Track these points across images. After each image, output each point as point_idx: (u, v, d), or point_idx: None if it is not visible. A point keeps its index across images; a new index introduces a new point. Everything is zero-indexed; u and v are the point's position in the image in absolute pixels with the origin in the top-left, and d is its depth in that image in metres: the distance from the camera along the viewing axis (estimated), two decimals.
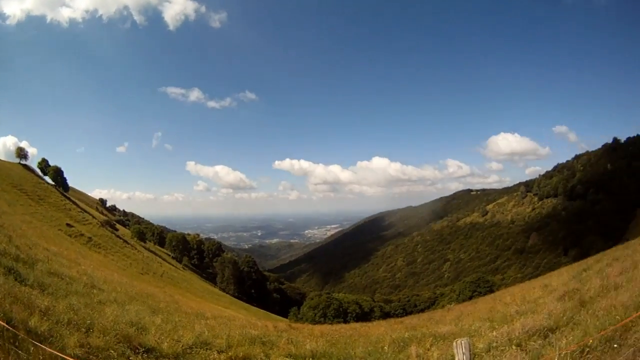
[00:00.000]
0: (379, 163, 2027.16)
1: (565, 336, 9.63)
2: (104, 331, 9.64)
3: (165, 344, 10.65)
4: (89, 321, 10.06)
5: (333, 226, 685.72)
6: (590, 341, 7.77)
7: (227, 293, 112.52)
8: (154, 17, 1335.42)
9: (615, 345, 7.25)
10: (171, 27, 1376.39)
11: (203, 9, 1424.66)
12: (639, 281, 13.13)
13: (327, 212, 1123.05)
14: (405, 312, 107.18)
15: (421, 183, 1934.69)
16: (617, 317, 9.08)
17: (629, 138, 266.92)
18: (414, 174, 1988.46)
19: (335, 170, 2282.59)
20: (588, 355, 7.34)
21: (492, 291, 75.23)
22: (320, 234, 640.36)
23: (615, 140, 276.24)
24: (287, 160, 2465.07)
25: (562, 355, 7.51)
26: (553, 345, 8.80)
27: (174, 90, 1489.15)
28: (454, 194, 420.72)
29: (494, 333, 11.99)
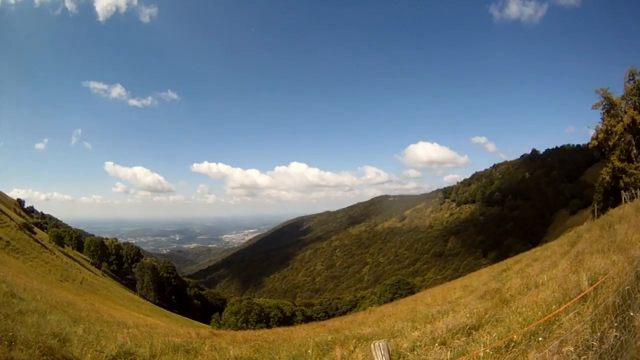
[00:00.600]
0: (297, 168, 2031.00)
1: (489, 333, 9.57)
2: (27, 344, 9.28)
3: (89, 355, 10.58)
4: (10, 333, 9.62)
5: (251, 231, 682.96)
6: (515, 336, 7.66)
7: (147, 300, 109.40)
8: (86, 5, 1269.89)
9: (540, 339, 7.21)
10: (101, 18, 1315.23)
11: (135, 1, 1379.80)
12: (559, 279, 13.30)
13: (245, 217, 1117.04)
14: (328, 315, 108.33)
15: (339, 189, 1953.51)
16: (540, 313, 9.05)
17: (547, 150, 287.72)
18: (332, 180, 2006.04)
19: (253, 175, 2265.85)
20: (514, 349, 7.23)
21: (412, 293, 76.92)
22: (238, 238, 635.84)
23: (534, 151, 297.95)
24: (206, 163, 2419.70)
25: (487, 351, 7.37)
26: (477, 342, 8.68)
27: (96, 85, 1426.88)
28: (372, 199, 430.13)
29: (417, 333, 11.89)
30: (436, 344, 9.75)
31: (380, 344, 5.47)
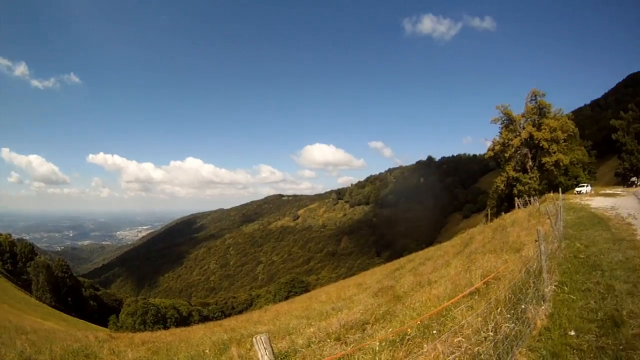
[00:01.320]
0: (193, 164, 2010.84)
1: (384, 328, 9.61)
2: None
3: None
4: None
5: (144, 227, 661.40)
6: (409, 330, 7.65)
7: (44, 302, 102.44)
8: None
9: (434, 332, 7.26)
10: None
11: None
12: (452, 276, 13.68)
13: (138, 212, 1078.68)
14: (224, 315, 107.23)
15: (233, 186, 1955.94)
16: (433, 308, 9.16)
17: (443, 157, 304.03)
18: (227, 177, 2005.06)
19: (148, 168, 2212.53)
20: (409, 342, 7.21)
21: (307, 291, 77.82)
22: (131, 235, 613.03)
23: (430, 158, 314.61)
24: (101, 154, 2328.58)
25: (383, 344, 7.30)
26: (372, 337, 8.63)
27: (1, 61, 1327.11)
28: (266, 198, 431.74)
29: (312, 329, 11.81)
30: (331, 339, 9.66)
31: (262, 337, 5.21)
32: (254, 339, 5.22)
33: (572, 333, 7.32)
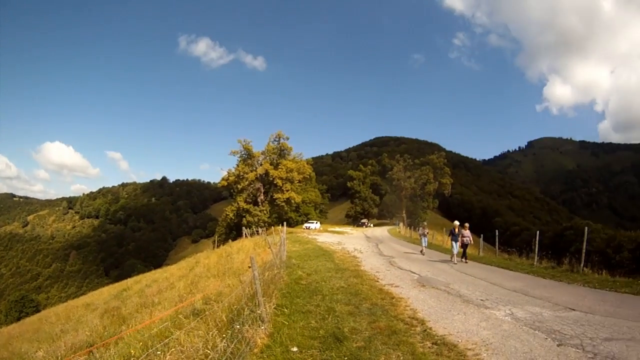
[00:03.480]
0: None
1: (109, 349, 9.75)
2: None
3: None
4: None
5: None
6: (133, 351, 8.13)
7: None
8: None
9: (158, 352, 7.62)
10: None
11: None
12: (173, 299, 14.33)
13: None
14: None
15: None
16: (156, 329, 9.60)
17: (177, 180, 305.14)
18: None
19: None
20: None
21: (38, 311, 71.36)
22: None
23: (164, 178, 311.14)
24: None
25: None
26: (101, 358, 8.85)
27: None
28: None
29: (41, 353, 11.45)
30: None
31: None
32: None
33: (295, 349, 7.89)
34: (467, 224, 23.89)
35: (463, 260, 23.55)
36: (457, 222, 23.79)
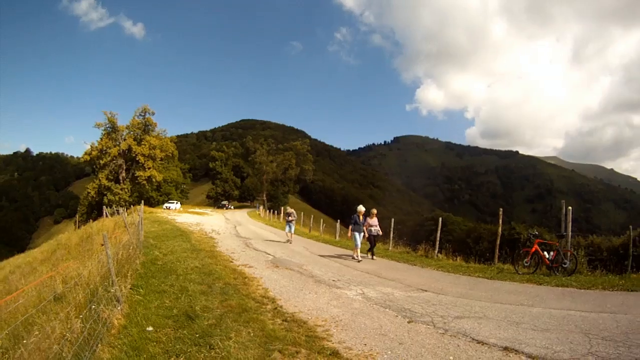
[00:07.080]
0: None
1: None
2: None
3: None
4: None
5: None
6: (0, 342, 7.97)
7: None
8: None
9: (24, 341, 7.48)
10: None
11: None
12: (37, 284, 14.05)
13: None
14: None
15: None
16: (20, 316, 8.92)
17: (40, 153, 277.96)
18: None
19: None
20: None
21: None
22: None
23: (28, 151, 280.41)
24: None
25: None
26: None
27: None
28: None
29: None
30: None
31: None
32: None
33: (150, 329, 7.98)
34: (374, 210, 20.17)
35: (369, 256, 19.67)
36: (361, 208, 19.22)
